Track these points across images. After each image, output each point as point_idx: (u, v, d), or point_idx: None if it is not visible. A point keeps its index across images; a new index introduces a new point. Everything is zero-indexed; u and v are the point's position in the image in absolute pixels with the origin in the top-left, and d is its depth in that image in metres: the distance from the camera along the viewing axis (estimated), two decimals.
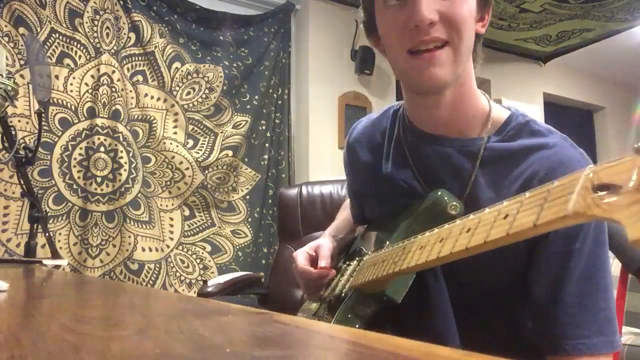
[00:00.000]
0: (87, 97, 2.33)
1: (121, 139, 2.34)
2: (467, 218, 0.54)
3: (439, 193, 0.69)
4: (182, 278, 2.47)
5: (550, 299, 0.62)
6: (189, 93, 2.59)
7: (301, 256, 0.86)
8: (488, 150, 0.69)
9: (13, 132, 1.31)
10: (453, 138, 0.72)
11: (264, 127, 2.80)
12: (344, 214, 1.02)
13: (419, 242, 0.61)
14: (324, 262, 0.82)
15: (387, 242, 0.74)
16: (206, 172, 2.58)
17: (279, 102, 2.86)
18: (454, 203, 0.67)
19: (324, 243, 0.87)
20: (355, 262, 0.82)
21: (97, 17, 2.39)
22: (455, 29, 0.64)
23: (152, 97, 2.51)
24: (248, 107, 2.75)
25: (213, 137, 2.63)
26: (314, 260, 0.85)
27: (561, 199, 0.42)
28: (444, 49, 0.64)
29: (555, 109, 4.25)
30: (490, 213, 0.51)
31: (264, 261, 2.70)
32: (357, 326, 0.71)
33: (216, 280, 1.90)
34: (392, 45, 0.68)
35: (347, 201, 1.02)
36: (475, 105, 0.72)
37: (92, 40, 2.36)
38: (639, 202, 0.35)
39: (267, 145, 2.80)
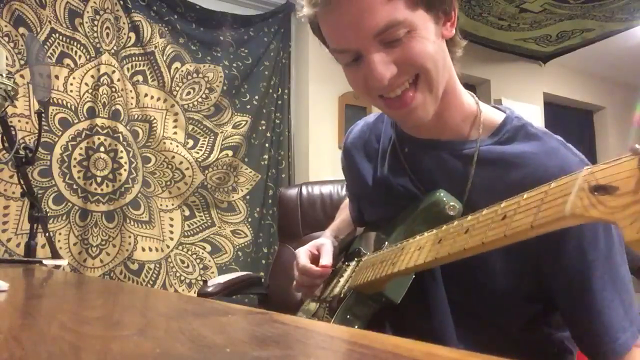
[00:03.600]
0: (87, 97, 2.32)
1: (121, 139, 2.34)
2: (465, 219, 0.53)
3: (438, 193, 0.69)
4: (182, 278, 2.47)
5: (578, 309, 0.63)
6: (189, 93, 2.59)
7: (303, 254, 0.86)
8: (483, 153, 0.68)
9: (13, 132, 1.31)
10: (445, 141, 0.71)
11: (264, 127, 2.80)
12: (344, 213, 1.02)
13: (418, 242, 0.61)
14: (326, 261, 0.83)
15: (386, 243, 0.74)
16: (206, 172, 2.58)
17: (279, 102, 2.86)
18: (452, 204, 0.66)
19: (327, 242, 0.88)
20: (354, 262, 0.82)
21: (97, 17, 2.38)
22: (419, 66, 0.61)
23: (152, 97, 2.51)
24: (248, 107, 2.75)
25: (213, 137, 2.63)
26: (316, 259, 0.85)
27: (558, 200, 0.41)
28: (417, 84, 0.63)
29: (555, 109, 4.25)
30: (487, 214, 0.50)
31: (264, 261, 2.70)
32: (356, 327, 0.71)
33: (216, 280, 1.90)
34: (361, 94, 0.66)
35: (347, 201, 1.02)
36: (462, 109, 0.71)
37: (92, 40, 2.36)
38: (636, 204, 0.34)
39: (267, 145, 2.79)
